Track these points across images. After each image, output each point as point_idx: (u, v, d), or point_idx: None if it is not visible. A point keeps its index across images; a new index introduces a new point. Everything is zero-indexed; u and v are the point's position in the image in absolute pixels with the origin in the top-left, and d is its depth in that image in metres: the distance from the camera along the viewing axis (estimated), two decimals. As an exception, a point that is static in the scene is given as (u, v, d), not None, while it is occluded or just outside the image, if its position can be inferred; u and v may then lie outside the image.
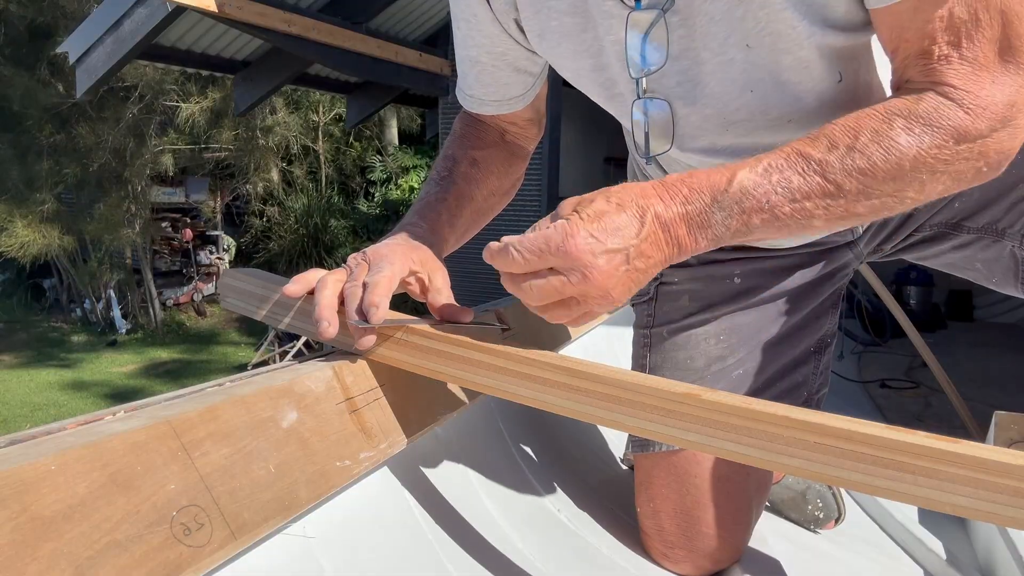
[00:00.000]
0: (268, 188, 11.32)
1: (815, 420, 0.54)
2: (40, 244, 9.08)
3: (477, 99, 0.94)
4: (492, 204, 0.97)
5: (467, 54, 0.91)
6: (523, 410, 1.15)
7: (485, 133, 0.98)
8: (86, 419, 0.51)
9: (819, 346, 1.03)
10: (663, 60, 0.75)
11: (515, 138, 1.00)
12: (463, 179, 0.92)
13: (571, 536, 0.95)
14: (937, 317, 3.84)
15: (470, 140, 0.96)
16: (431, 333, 0.68)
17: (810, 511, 1.18)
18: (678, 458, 0.96)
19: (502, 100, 0.93)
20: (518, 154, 1.01)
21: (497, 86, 0.92)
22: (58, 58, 7.48)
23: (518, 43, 0.87)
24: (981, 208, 0.91)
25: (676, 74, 0.76)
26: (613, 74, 0.81)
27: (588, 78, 0.83)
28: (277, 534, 0.58)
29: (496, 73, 0.91)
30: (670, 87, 0.78)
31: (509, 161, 0.99)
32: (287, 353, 7.92)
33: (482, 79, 0.92)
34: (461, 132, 0.98)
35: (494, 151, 0.97)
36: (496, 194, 0.97)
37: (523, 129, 1.00)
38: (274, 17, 4.06)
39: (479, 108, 0.95)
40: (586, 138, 6.49)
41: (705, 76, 0.75)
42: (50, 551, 0.39)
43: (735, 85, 0.75)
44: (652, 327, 1.03)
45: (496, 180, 0.96)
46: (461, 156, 0.94)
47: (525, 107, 0.95)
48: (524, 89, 0.93)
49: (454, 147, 0.96)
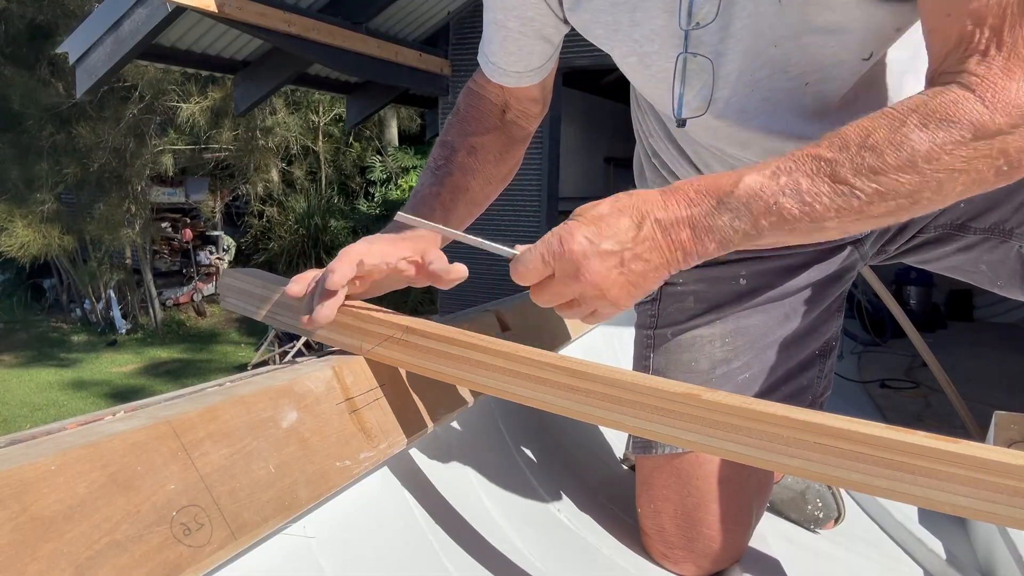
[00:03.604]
0: (268, 188, 11.32)
1: (815, 420, 0.54)
2: (40, 244, 9.07)
3: (499, 68, 0.92)
4: (488, 192, 0.96)
5: (495, 17, 0.89)
6: (523, 410, 1.15)
7: (487, 114, 0.96)
8: (86, 419, 0.51)
9: (824, 349, 1.03)
10: (715, 12, 0.72)
11: (517, 117, 0.98)
12: (459, 169, 0.92)
13: (571, 536, 0.95)
14: (937, 317, 3.84)
15: (470, 124, 0.95)
16: (430, 334, 0.68)
17: (810, 511, 1.17)
18: (680, 460, 0.95)
19: (523, 72, 0.92)
20: (517, 137, 0.99)
21: (521, 55, 0.90)
22: (58, 58, 7.48)
23: (549, 7, 0.86)
24: (988, 208, 0.89)
25: (719, 29, 0.74)
26: (654, 28, 0.78)
27: (624, 33, 0.80)
28: (277, 534, 0.58)
29: (521, 40, 0.89)
30: (711, 43, 0.75)
31: (507, 146, 0.98)
32: (287, 353, 7.91)
33: (506, 46, 0.90)
34: (464, 113, 0.97)
35: (493, 137, 0.96)
36: (492, 181, 0.96)
37: (527, 107, 0.98)
38: (274, 17, 4.05)
39: (499, 78, 0.93)
40: (586, 138, 6.49)
41: (739, 30, 0.73)
42: (50, 551, 0.39)
43: (763, 39, 0.73)
44: (656, 328, 1.03)
45: (493, 167, 0.95)
46: (459, 144, 0.93)
47: (537, 82, 0.94)
48: (544, 60, 0.92)
49: (453, 132, 0.95)
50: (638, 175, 1.09)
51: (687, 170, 0.94)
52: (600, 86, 6.73)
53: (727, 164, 0.87)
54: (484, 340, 0.66)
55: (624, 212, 0.63)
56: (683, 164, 0.94)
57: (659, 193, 0.64)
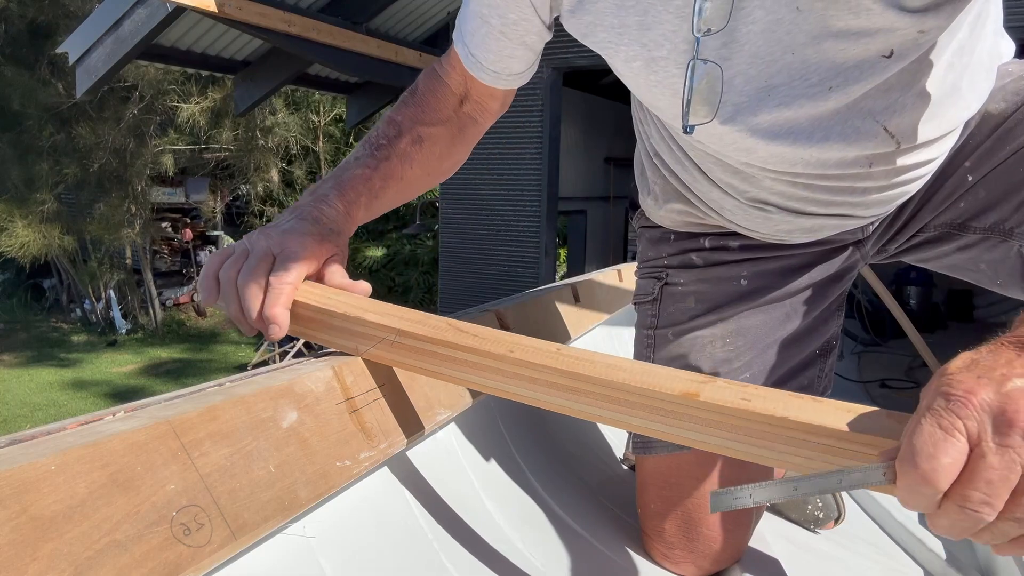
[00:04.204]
0: (268, 188, 11.33)
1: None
2: (40, 244, 9.09)
3: (475, 60, 0.87)
4: (423, 185, 0.92)
5: (479, 10, 0.84)
6: (523, 410, 1.15)
7: (444, 102, 0.92)
8: (86, 419, 0.51)
9: (824, 349, 1.03)
10: (727, 18, 0.70)
11: (473, 110, 0.93)
12: (399, 156, 0.87)
13: (571, 536, 0.95)
14: (937, 317, 3.84)
15: (424, 110, 0.91)
16: (422, 336, 0.67)
17: (810, 511, 1.17)
18: (680, 459, 0.95)
19: (499, 73, 0.88)
20: (468, 133, 0.95)
21: (500, 56, 0.86)
22: (58, 58, 7.48)
23: (535, 10, 0.82)
24: (988, 207, 0.89)
25: (724, 34, 0.72)
26: (664, 32, 0.75)
27: (631, 36, 0.77)
28: (277, 534, 0.58)
29: (502, 42, 0.85)
30: (715, 48, 0.73)
31: (455, 141, 0.94)
32: (287, 353, 7.92)
33: (487, 43, 0.86)
34: (420, 95, 0.91)
35: (444, 129, 0.92)
36: (432, 175, 0.93)
37: (487, 103, 0.94)
38: (274, 17, 4.06)
39: (475, 70, 0.88)
40: (586, 138, 6.49)
41: (754, 36, 0.72)
42: (50, 551, 0.39)
43: (779, 46, 0.72)
44: (656, 328, 1.03)
45: (436, 161, 0.92)
46: (408, 128, 0.89)
47: (510, 88, 0.92)
48: (523, 67, 0.89)
49: (405, 113, 0.90)
50: (639, 175, 1.09)
51: (689, 172, 0.94)
52: (600, 86, 6.73)
53: (729, 168, 0.87)
54: (477, 341, 0.66)
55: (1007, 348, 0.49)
56: (685, 165, 0.94)
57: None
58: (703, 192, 0.94)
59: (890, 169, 0.81)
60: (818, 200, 0.85)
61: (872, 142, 0.76)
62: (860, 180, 0.82)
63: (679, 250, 1.03)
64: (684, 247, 1.02)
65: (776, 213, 0.89)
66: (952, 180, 0.90)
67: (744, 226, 0.95)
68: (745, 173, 0.85)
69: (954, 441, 0.43)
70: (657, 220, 1.05)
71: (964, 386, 0.45)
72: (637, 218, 1.11)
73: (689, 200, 0.97)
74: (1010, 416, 0.42)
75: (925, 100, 0.76)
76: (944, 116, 0.79)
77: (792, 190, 0.84)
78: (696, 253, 1.01)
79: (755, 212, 0.90)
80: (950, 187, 0.90)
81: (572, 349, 0.64)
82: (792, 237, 0.94)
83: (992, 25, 0.83)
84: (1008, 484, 0.43)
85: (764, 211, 0.89)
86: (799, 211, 0.87)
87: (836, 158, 0.78)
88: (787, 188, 0.84)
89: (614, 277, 1.70)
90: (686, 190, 0.97)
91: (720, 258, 0.99)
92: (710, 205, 0.95)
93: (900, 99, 0.75)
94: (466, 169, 5.43)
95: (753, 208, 0.89)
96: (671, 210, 1.01)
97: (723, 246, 0.99)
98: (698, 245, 1.01)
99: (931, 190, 0.91)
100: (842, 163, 0.79)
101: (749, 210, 0.90)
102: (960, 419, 0.44)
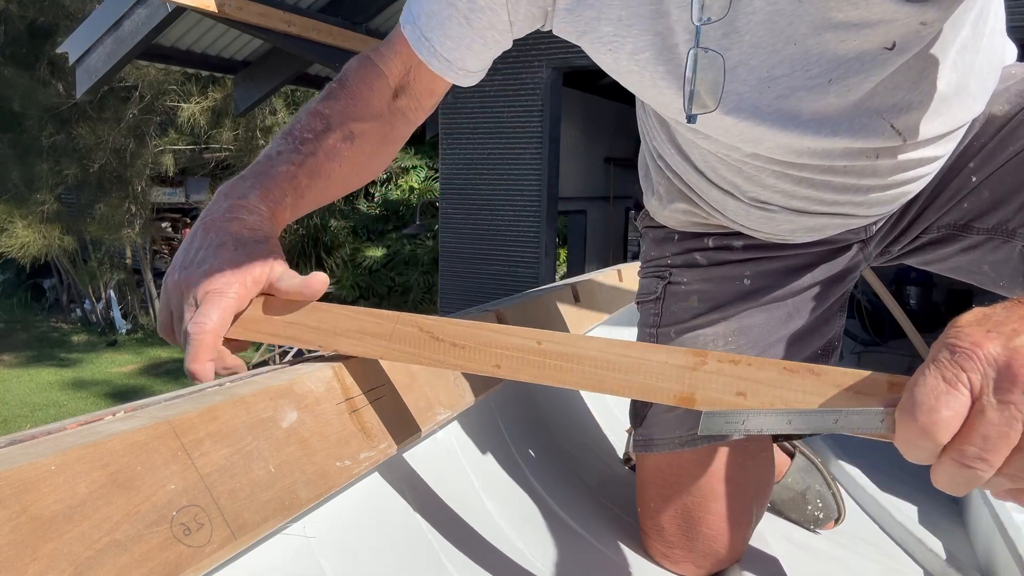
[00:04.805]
0: (268, 188, 11.30)
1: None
2: (40, 244, 9.09)
3: (428, 45, 0.81)
4: (348, 185, 0.86)
5: None
6: (523, 410, 1.15)
7: (378, 96, 0.85)
8: (86, 419, 0.51)
9: (826, 348, 1.03)
10: (726, 7, 0.68)
11: (407, 106, 0.88)
12: (327, 153, 0.80)
13: (571, 536, 0.95)
14: (937, 317, 3.84)
15: (356, 104, 0.84)
16: (405, 352, 0.66)
17: (810, 511, 1.17)
18: (680, 458, 0.95)
19: (452, 63, 0.82)
20: (399, 132, 0.90)
21: (457, 44, 0.80)
22: (58, 58, 7.48)
23: (506, 8, 0.78)
24: (991, 208, 0.89)
25: (724, 23, 0.71)
26: (668, 23, 0.74)
27: (642, 26, 0.75)
28: (277, 534, 0.58)
29: (463, 28, 0.79)
30: (716, 37, 0.72)
31: (386, 140, 0.88)
32: (287, 353, 7.91)
33: (446, 27, 0.79)
34: (352, 87, 0.85)
35: (376, 125, 0.86)
36: (360, 174, 0.86)
37: (423, 99, 0.88)
38: (274, 17, 4.06)
39: (426, 55, 0.82)
40: (586, 138, 6.48)
41: (754, 26, 0.72)
42: (50, 551, 0.39)
43: (781, 36, 0.72)
44: (659, 327, 1.03)
45: (366, 160, 0.86)
46: (337, 123, 0.82)
47: (458, 84, 0.86)
48: (477, 67, 0.84)
49: (334, 107, 0.83)
50: (643, 176, 1.09)
51: (690, 174, 0.94)
52: (600, 86, 6.73)
53: (732, 167, 0.87)
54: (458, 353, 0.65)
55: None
56: (687, 167, 0.94)
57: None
58: (706, 193, 0.94)
59: (894, 164, 0.81)
60: (821, 199, 0.85)
61: (880, 138, 0.77)
62: (864, 177, 0.82)
63: (683, 250, 1.03)
64: (688, 247, 1.02)
65: (779, 213, 0.89)
66: (956, 181, 0.90)
67: (747, 226, 0.95)
68: (747, 172, 0.85)
69: (956, 394, 0.42)
70: (661, 220, 1.06)
71: (971, 339, 0.43)
72: (641, 218, 1.11)
73: (693, 200, 0.97)
74: (1015, 371, 0.41)
75: (931, 98, 0.77)
76: (949, 114, 0.79)
77: (795, 188, 0.84)
78: (700, 253, 1.01)
79: (757, 212, 0.90)
80: (954, 188, 0.91)
81: (555, 336, 0.64)
82: (795, 236, 0.94)
83: (994, 25, 0.83)
84: (1007, 441, 0.42)
85: (767, 211, 0.89)
86: (801, 210, 0.88)
87: (842, 148, 0.78)
88: (790, 186, 0.84)
89: (614, 277, 1.70)
90: (689, 191, 0.97)
91: (724, 258, 0.99)
92: (713, 205, 0.95)
93: (906, 97, 0.76)
94: (466, 169, 5.43)
95: (756, 208, 0.90)
96: (675, 210, 1.01)
97: (727, 246, 0.99)
98: (702, 245, 1.01)
99: (935, 191, 0.92)
100: (848, 154, 0.79)
101: (752, 210, 0.90)
102: (964, 371, 0.43)
